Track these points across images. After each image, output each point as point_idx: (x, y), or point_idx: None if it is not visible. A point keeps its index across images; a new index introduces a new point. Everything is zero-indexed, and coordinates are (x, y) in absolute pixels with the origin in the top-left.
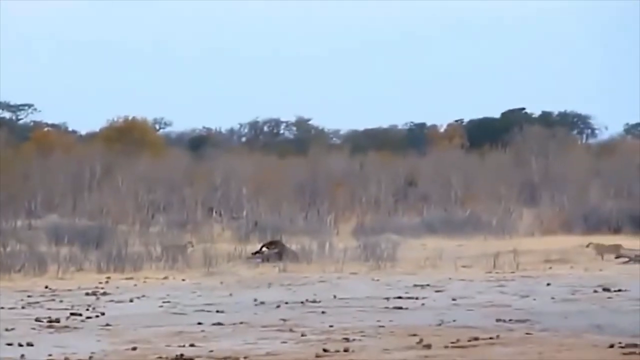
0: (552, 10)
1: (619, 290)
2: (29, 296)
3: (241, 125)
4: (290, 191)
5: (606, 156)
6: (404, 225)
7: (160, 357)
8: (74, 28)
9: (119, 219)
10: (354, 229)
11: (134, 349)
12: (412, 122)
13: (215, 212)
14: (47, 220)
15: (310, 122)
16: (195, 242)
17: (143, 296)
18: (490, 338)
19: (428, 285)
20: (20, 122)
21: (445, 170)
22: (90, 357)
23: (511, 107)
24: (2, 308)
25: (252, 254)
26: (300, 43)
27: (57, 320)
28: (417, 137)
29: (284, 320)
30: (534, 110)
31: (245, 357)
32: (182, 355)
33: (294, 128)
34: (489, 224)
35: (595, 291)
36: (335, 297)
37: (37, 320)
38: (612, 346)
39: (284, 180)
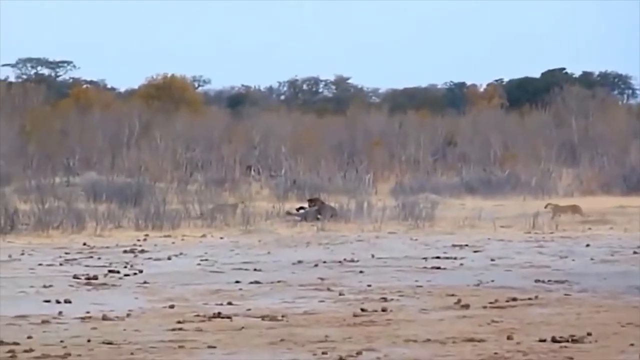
0: None
1: None
2: (66, 253)
3: (280, 84)
4: (328, 150)
5: None
6: (442, 185)
7: (198, 315)
8: None
9: (157, 177)
10: (393, 188)
11: (172, 306)
12: (451, 82)
13: (254, 171)
14: (85, 178)
15: (349, 81)
16: (235, 200)
17: (181, 254)
18: (529, 299)
19: (466, 245)
20: (59, 78)
21: (484, 130)
22: (128, 315)
23: (551, 67)
24: (40, 265)
25: (297, 209)
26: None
27: (95, 278)
28: (457, 97)
29: (322, 279)
30: (575, 70)
31: (282, 316)
32: (219, 313)
33: (333, 87)
34: (528, 184)
35: (635, 252)
36: (373, 256)
37: (74, 277)
38: None
39: (323, 138)
